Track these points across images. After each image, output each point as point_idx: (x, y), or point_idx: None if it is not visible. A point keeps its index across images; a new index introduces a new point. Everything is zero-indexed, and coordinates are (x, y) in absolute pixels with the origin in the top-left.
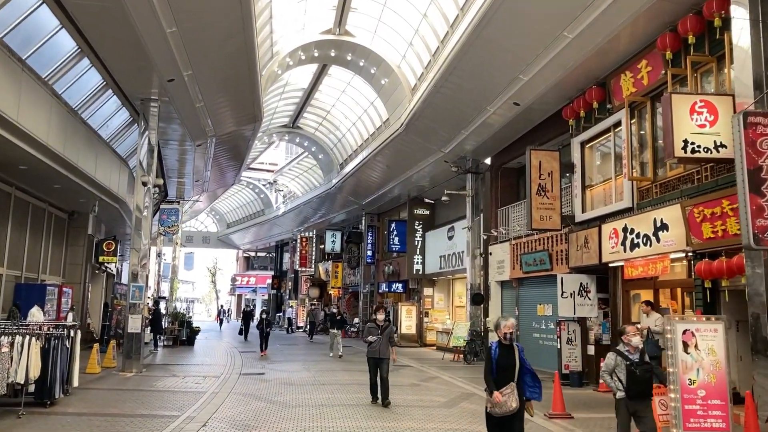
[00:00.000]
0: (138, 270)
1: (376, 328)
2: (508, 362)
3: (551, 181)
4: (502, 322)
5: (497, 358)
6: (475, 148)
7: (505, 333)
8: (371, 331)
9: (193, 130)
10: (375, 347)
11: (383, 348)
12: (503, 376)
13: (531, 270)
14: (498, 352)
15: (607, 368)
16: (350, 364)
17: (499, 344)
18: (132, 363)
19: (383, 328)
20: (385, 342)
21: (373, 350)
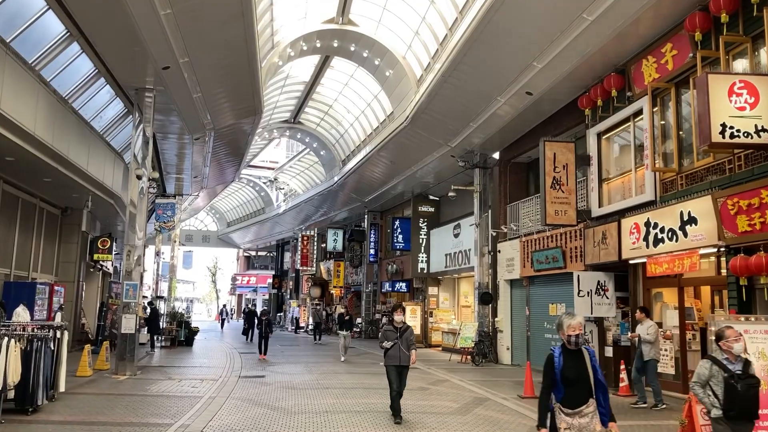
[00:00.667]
0: (132, 268)
1: (394, 331)
2: (579, 373)
3: (566, 174)
4: (567, 321)
5: (562, 368)
6: (483, 142)
7: (570, 335)
8: (388, 334)
9: (190, 122)
10: (394, 354)
11: (403, 354)
12: (574, 393)
13: (543, 268)
14: (562, 360)
15: (700, 379)
16: (354, 366)
17: (564, 350)
18: (125, 365)
19: (402, 330)
20: (406, 347)
21: (393, 357)
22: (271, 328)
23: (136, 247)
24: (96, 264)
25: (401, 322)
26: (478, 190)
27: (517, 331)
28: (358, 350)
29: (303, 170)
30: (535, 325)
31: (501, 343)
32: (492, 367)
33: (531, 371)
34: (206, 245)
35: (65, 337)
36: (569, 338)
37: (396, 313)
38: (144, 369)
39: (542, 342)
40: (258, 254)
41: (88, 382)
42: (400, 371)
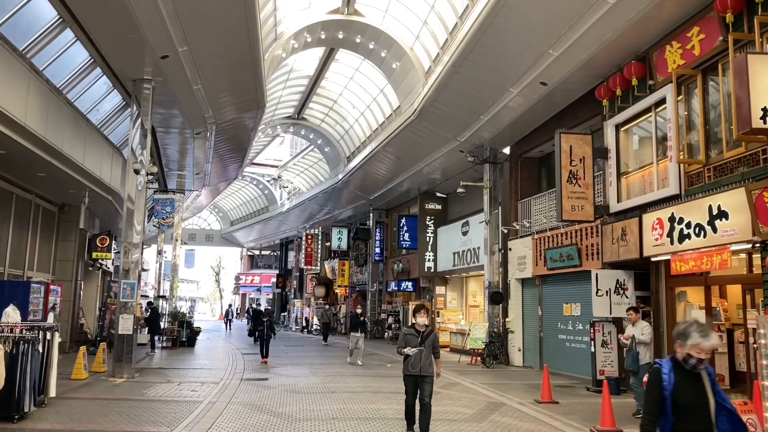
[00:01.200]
0: (130, 266)
1: (416, 336)
2: (698, 399)
3: (583, 167)
4: (699, 338)
5: (673, 390)
6: (494, 136)
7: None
8: (409, 339)
9: (191, 116)
10: (415, 362)
11: (425, 363)
12: (688, 422)
13: (557, 266)
14: (674, 380)
15: None
16: (361, 369)
17: (675, 366)
18: (123, 367)
19: (425, 335)
20: (428, 354)
21: (413, 366)
22: (273, 330)
23: (134, 245)
24: (95, 263)
25: (424, 325)
26: (488, 186)
27: (529, 332)
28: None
29: (307, 168)
30: (549, 326)
31: (512, 344)
32: (503, 369)
33: (548, 374)
34: (209, 244)
35: (56, 339)
36: (689, 359)
37: (419, 314)
38: (143, 371)
39: (556, 343)
40: (261, 253)
41: (82, 386)
42: (420, 382)
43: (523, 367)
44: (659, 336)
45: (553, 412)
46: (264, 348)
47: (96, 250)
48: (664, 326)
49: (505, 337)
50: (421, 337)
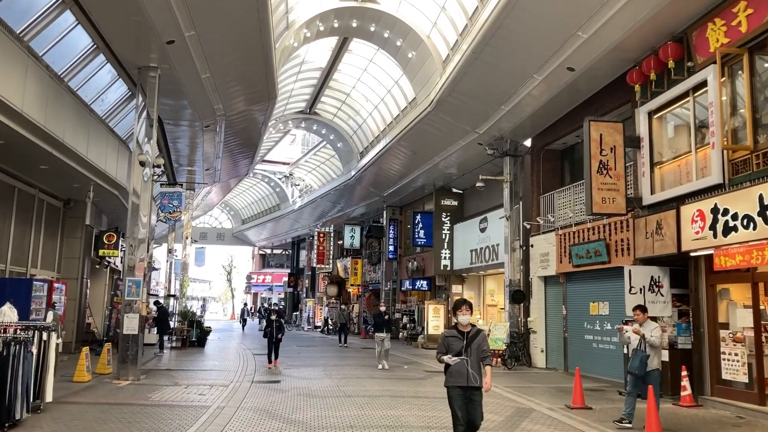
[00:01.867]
0: (135, 263)
1: (459, 338)
2: None
3: (614, 157)
4: None
5: None
6: (514, 127)
7: None
8: (451, 343)
9: (199, 107)
10: (459, 370)
11: (473, 371)
12: None
13: (583, 263)
14: None
15: None
16: (376, 370)
17: None
18: (128, 369)
19: (470, 337)
20: (476, 361)
21: (457, 375)
22: (282, 331)
23: (140, 240)
24: (102, 260)
25: (468, 324)
26: (509, 179)
27: (553, 332)
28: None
29: (319, 165)
30: (574, 326)
31: (534, 345)
32: (526, 371)
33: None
34: (221, 243)
35: (53, 340)
36: None
37: (461, 311)
38: (149, 373)
39: (581, 344)
40: (273, 252)
41: (84, 389)
42: (469, 396)
43: (546, 369)
44: (699, 337)
45: (587, 419)
46: (272, 350)
47: (103, 247)
48: (704, 326)
49: (527, 338)
50: (465, 339)
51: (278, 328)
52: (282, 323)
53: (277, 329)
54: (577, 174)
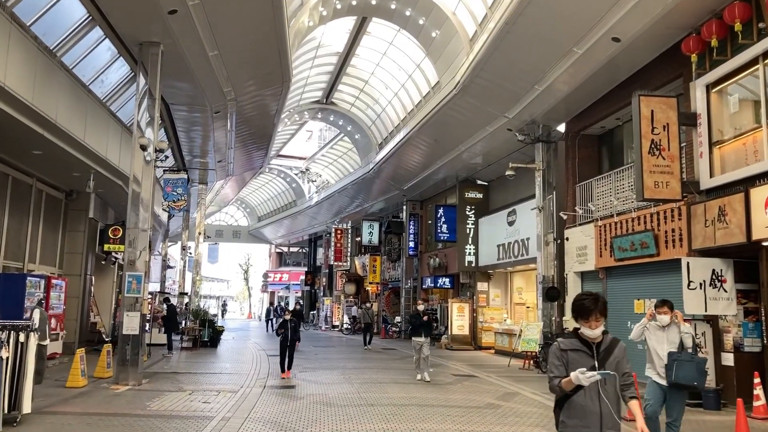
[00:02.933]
0: (137, 256)
1: (587, 354)
2: None
3: (668, 136)
4: None
5: None
6: (547, 111)
7: None
8: (573, 360)
9: (208, 90)
10: (586, 405)
11: (608, 406)
12: None
13: (627, 256)
14: None
15: None
16: (399, 374)
17: None
18: (128, 373)
19: (603, 351)
20: (614, 391)
21: (583, 413)
22: (298, 334)
23: (141, 231)
24: (108, 256)
25: (601, 333)
26: (541, 167)
27: None
28: (399, 353)
29: (336, 159)
30: (615, 325)
31: None
32: None
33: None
34: (237, 241)
35: (32, 342)
36: None
37: (592, 318)
38: (154, 376)
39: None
40: (290, 250)
41: (76, 396)
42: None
43: None
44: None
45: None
46: (286, 357)
47: (108, 242)
48: None
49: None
50: (596, 355)
51: (294, 330)
52: (297, 326)
53: (293, 332)
54: (616, 160)
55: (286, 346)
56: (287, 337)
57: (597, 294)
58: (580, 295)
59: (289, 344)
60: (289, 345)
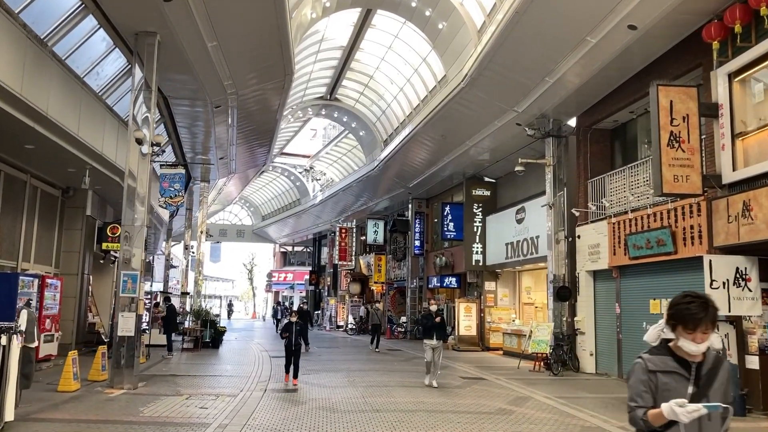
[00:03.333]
0: (132, 254)
1: (683, 376)
2: None
3: (687, 128)
4: None
5: None
6: (558, 104)
7: None
8: (667, 386)
9: (208, 83)
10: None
11: None
12: None
13: (642, 254)
14: None
15: None
16: (406, 376)
17: None
18: (123, 376)
19: (707, 373)
20: (719, 424)
21: None
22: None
23: (137, 228)
24: (106, 254)
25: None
26: (552, 163)
27: (603, 334)
28: (404, 354)
29: (340, 157)
30: (629, 326)
31: (582, 348)
32: (574, 378)
33: None
34: (241, 240)
35: (15, 345)
36: None
37: (699, 331)
38: (151, 379)
39: (639, 347)
40: (294, 250)
41: (67, 401)
42: None
43: (596, 374)
44: None
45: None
46: (292, 363)
47: (107, 240)
48: None
49: (574, 340)
50: (697, 379)
51: (300, 332)
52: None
53: (297, 335)
54: (630, 155)
55: (291, 351)
56: (291, 341)
57: (705, 297)
58: (685, 297)
59: (294, 348)
60: (294, 349)
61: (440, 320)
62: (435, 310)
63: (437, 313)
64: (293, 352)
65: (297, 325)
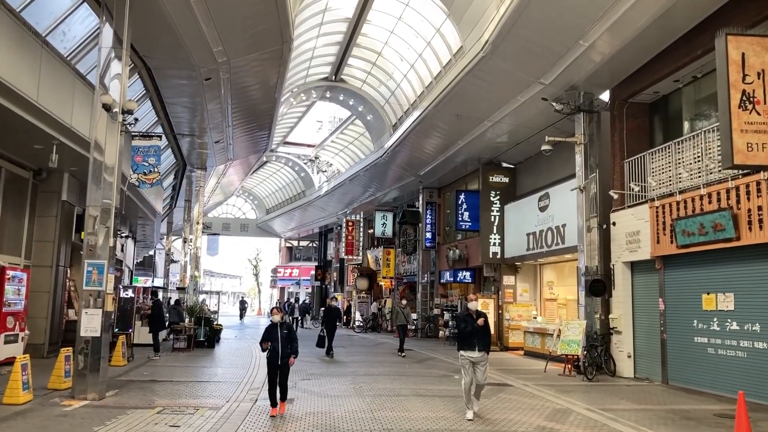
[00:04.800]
0: (98, 241)
1: None
2: None
3: (764, 86)
4: None
5: None
6: (590, 75)
7: None
8: None
9: (194, 48)
10: None
11: None
12: None
13: (695, 242)
14: None
15: None
16: (420, 382)
17: None
18: (87, 383)
19: None
20: None
21: None
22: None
23: (105, 210)
24: None
25: None
26: (583, 141)
27: (643, 333)
28: (416, 354)
29: (347, 145)
30: (676, 325)
31: (619, 349)
32: (612, 383)
33: (743, 403)
34: (245, 234)
35: None
36: None
37: None
38: (125, 386)
39: (689, 348)
40: (300, 245)
41: (9, 417)
42: None
43: (635, 378)
44: None
45: None
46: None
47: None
48: None
49: (608, 340)
50: None
51: (288, 338)
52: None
53: (287, 342)
54: (673, 131)
55: (276, 368)
56: (278, 354)
57: None
58: None
59: (281, 364)
60: (280, 365)
61: (484, 323)
62: (474, 309)
63: (480, 314)
64: (280, 369)
65: (284, 328)
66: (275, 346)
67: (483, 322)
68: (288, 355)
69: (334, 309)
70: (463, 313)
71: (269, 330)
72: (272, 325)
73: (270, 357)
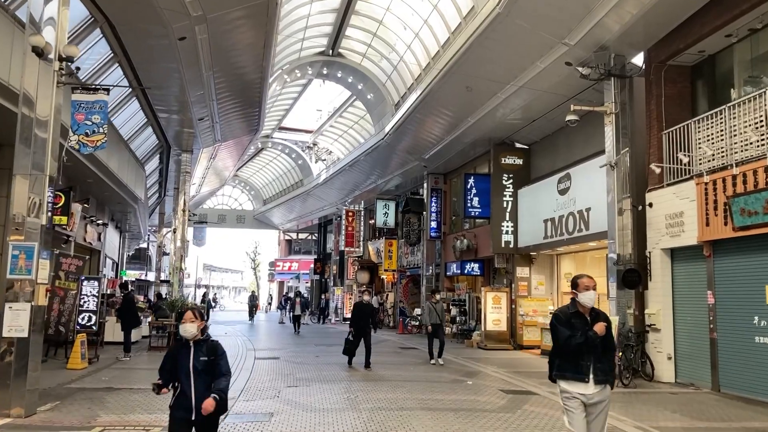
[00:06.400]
0: (23, 218)
1: None
2: None
3: None
4: None
5: None
6: (622, 33)
7: None
8: None
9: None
10: None
11: None
12: None
13: (756, 222)
14: None
15: None
16: (426, 390)
17: None
18: (9, 398)
19: None
20: None
21: None
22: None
23: (32, 176)
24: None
25: None
26: (613, 111)
27: (687, 331)
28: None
29: (346, 130)
30: (729, 321)
31: (657, 349)
32: (652, 390)
33: None
34: (241, 226)
35: None
36: None
37: None
38: (73, 395)
39: (746, 349)
40: (299, 237)
41: None
42: None
43: (677, 384)
44: None
45: None
46: None
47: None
48: None
49: (643, 338)
50: None
51: (208, 369)
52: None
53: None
54: (721, 97)
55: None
56: (188, 398)
57: None
58: None
59: (194, 420)
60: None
61: (607, 331)
62: (592, 308)
63: (598, 314)
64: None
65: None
66: (184, 387)
67: (604, 330)
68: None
69: (366, 306)
70: (568, 310)
71: (172, 355)
72: (180, 343)
73: (174, 405)
